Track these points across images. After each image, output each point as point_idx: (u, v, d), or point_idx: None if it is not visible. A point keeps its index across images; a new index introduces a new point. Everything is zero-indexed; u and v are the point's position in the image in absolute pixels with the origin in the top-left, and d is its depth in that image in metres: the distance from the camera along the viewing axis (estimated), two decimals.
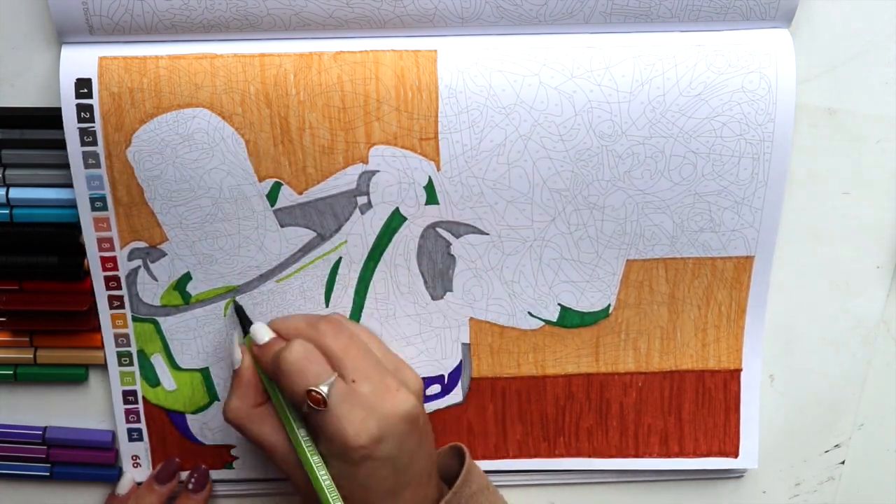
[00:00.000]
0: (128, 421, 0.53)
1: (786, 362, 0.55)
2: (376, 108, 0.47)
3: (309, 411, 0.45)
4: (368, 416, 0.45)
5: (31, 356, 0.52)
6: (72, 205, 0.49)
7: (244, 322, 0.50)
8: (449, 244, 0.50)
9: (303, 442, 0.46)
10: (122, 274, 0.50)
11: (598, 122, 0.48)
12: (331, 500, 0.45)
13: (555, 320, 0.52)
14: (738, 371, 0.54)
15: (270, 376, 0.47)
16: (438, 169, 0.49)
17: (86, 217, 0.49)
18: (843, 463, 0.58)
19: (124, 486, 0.54)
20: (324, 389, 0.44)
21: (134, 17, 0.46)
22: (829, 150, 0.51)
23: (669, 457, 0.55)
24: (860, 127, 0.51)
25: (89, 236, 0.49)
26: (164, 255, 0.50)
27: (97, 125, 0.47)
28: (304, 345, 0.46)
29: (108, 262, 0.50)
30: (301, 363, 0.45)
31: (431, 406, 0.54)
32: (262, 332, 0.48)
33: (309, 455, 0.46)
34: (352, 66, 0.47)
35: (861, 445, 0.57)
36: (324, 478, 0.46)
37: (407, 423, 0.46)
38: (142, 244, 0.50)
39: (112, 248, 0.50)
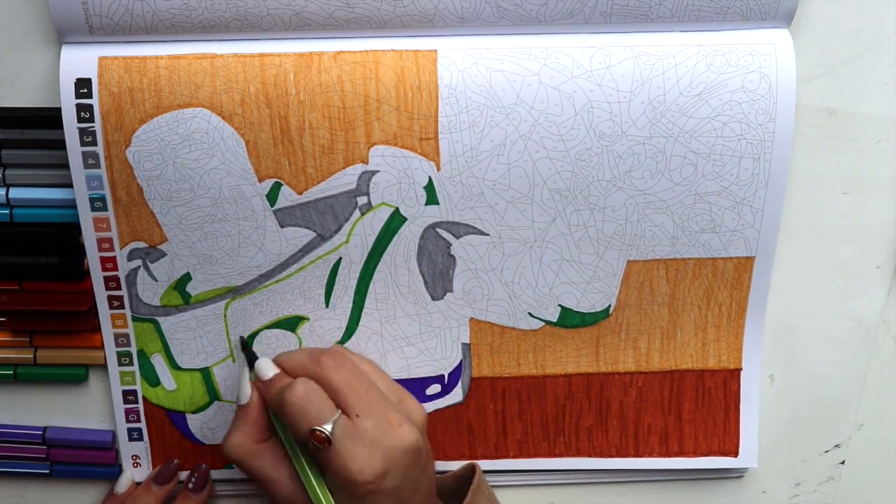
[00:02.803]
0: (128, 420, 0.53)
1: (786, 362, 0.55)
2: (376, 108, 0.47)
3: (314, 449, 0.46)
4: (373, 451, 0.45)
5: (31, 356, 0.52)
6: (72, 205, 0.49)
7: (250, 357, 0.50)
8: (449, 245, 0.50)
9: (311, 476, 0.47)
10: (121, 274, 0.50)
11: (598, 122, 0.48)
12: None
13: (555, 321, 0.52)
14: (738, 370, 0.54)
15: (275, 413, 0.48)
16: (438, 169, 0.49)
17: (86, 217, 0.49)
18: (843, 463, 0.58)
19: (123, 484, 0.54)
20: (327, 428, 0.45)
21: (134, 17, 0.46)
22: (829, 150, 0.51)
23: (669, 456, 0.55)
24: (860, 127, 0.51)
25: (89, 236, 0.49)
26: (163, 255, 0.50)
27: (97, 125, 0.47)
28: (307, 383, 0.46)
29: (108, 263, 0.50)
30: (303, 402, 0.46)
31: (431, 406, 0.54)
32: (266, 368, 0.49)
33: (318, 490, 0.47)
34: (352, 66, 0.47)
35: (861, 445, 0.57)
36: None
37: (410, 456, 0.46)
38: (141, 244, 0.50)
39: (112, 249, 0.50)
